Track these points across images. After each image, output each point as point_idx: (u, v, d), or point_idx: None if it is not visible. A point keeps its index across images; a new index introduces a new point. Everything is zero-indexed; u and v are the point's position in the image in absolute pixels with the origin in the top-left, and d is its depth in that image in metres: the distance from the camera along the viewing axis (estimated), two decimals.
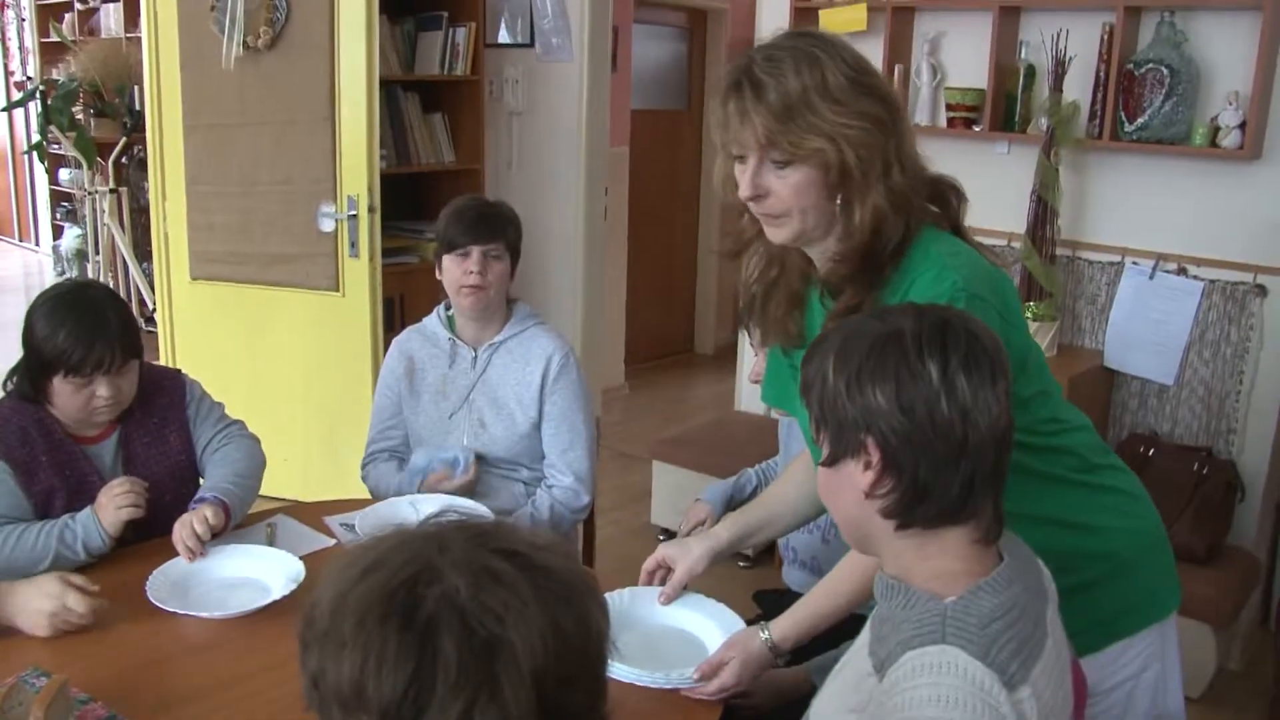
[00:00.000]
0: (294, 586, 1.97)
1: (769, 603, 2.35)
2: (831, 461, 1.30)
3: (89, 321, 2.02)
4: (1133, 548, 1.66)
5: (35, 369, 2.06)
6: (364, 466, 2.70)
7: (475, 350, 2.62)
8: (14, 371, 2.12)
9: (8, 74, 9.02)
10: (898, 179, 1.54)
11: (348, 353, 4.00)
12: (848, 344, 1.27)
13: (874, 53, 3.93)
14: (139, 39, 4.63)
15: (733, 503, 2.56)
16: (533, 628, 0.88)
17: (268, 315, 4.12)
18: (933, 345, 1.23)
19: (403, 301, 4.41)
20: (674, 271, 6.71)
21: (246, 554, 2.11)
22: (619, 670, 1.68)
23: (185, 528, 2.06)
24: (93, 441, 2.16)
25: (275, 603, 1.93)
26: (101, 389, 2.05)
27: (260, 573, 2.05)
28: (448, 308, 2.66)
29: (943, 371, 1.21)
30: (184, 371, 2.37)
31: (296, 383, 4.14)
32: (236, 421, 2.38)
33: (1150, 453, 3.46)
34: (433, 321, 2.68)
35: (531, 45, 4.79)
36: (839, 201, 1.55)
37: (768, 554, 3.81)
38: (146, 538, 2.13)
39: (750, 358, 3.79)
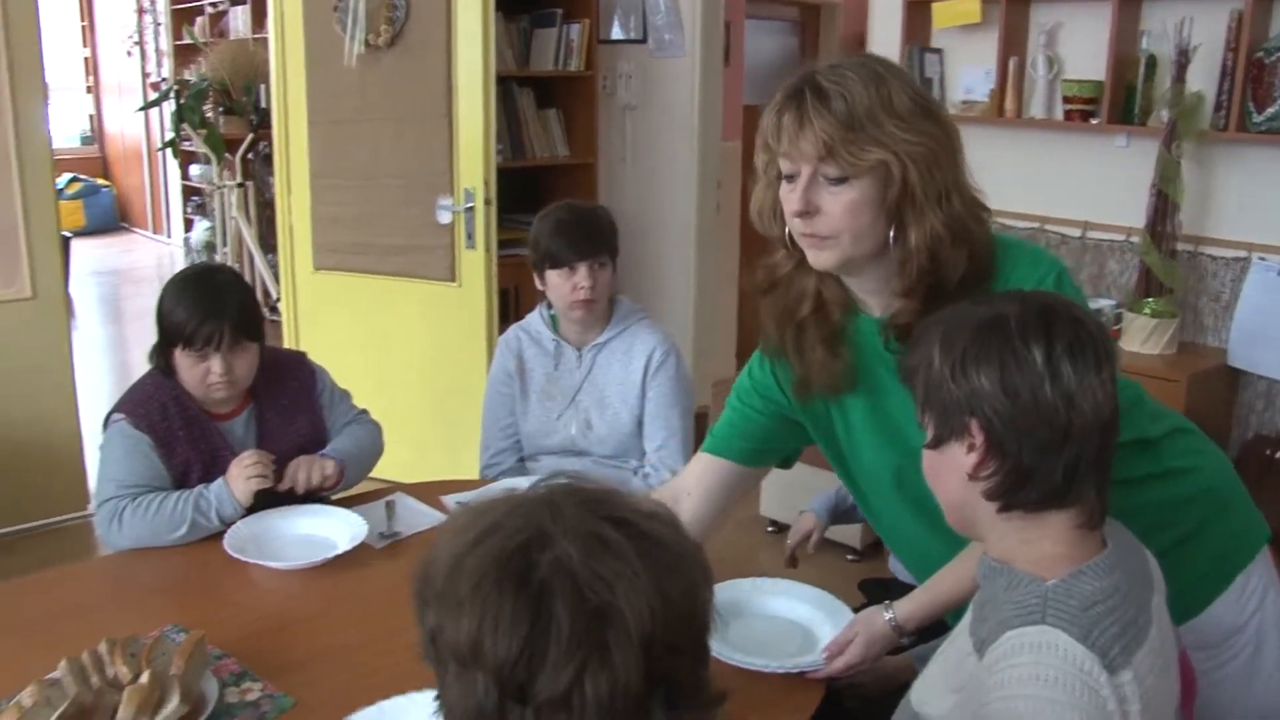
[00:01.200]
0: (356, 543, 2.12)
1: (874, 591, 2.36)
2: (936, 444, 1.31)
3: (207, 299, 2.15)
4: (1221, 479, 1.69)
5: (161, 342, 2.20)
6: (487, 469, 2.73)
7: (580, 351, 2.65)
8: (155, 348, 2.25)
9: (145, 75, 9.39)
10: (957, 207, 1.51)
11: (463, 342, 4.09)
12: (952, 329, 1.29)
13: (988, 45, 3.90)
14: (265, 39, 4.79)
15: (837, 511, 2.57)
16: (641, 596, 0.91)
17: (387, 304, 4.23)
18: (1037, 330, 1.24)
19: (517, 292, 4.50)
20: None
21: (316, 513, 2.26)
22: (739, 658, 1.71)
23: (304, 466, 2.23)
24: (226, 418, 2.28)
25: (339, 556, 2.09)
26: (215, 365, 2.16)
27: (327, 530, 2.20)
28: (549, 307, 2.69)
29: (1047, 356, 1.22)
30: (308, 355, 2.49)
31: (413, 370, 4.25)
32: (364, 410, 2.50)
33: (1278, 455, 3.36)
34: (536, 321, 2.71)
35: (644, 41, 4.84)
36: (894, 228, 1.51)
37: (875, 548, 3.80)
38: (274, 508, 2.24)
39: None
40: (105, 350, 6.78)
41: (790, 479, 3.98)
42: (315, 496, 2.30)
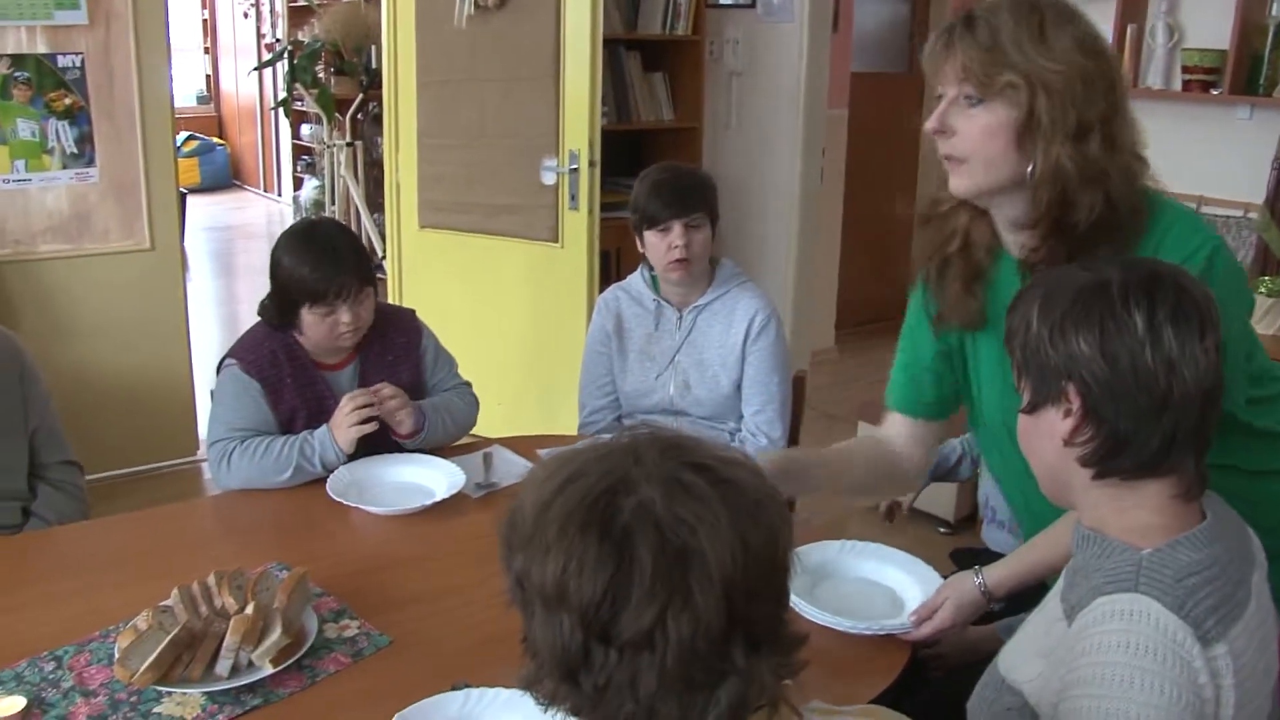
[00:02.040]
0: (454, 492, 2.17)
1: (966, 561, 2.33)
2: (1032, 408, 1.30)
3: (328, 256, 2.21)
4: None
5: (285, 302, 2.26)
6: (585, 427, 2.76)
7: (680, 312, 2.66)
8: (265, 302, 2.32)
9: (259, 36, 9.61)
10: (1094, 148, 1.49)
11: (564, 302, 4.13)
12: (1053, 292, 1.27)
13: (1106, 12, 3.79)
14: (377, 1, 4.86)
15: (937, 472, 2.54)
16: (723, 540, 0.93)
17: (490, 263, 4.28)
18: (1139, 295, 1.21)
19: (619, 255, 4.52)
20: (890, 236, 6.55)
21: (416, 462, 2.31)
22: (826, 617, 1.71)
23: (391, 387, 2.27)
24: (333, 369, 2.35)
25: (436, 504, 2.15)
26: (344, 315, 2.23)
27: (426, 479, 2.25)
28: (651, 268, 2.70)
29: (1149, 322, 1.20)
30: (416, 312, 2.54)
31: (514, 328, 4.31)
32: (467, 383, 2.54)
33: None
34: (637, 282, 2.73)
35: (753, 6, 4.80)
36: (1029, 163, 1.52)
37: (968, 520, 3.76)
38: (376, 454, 2.31)
39: None
40: (216, 303, 6.99)
41: None
42: (413, 447, 2.35)
